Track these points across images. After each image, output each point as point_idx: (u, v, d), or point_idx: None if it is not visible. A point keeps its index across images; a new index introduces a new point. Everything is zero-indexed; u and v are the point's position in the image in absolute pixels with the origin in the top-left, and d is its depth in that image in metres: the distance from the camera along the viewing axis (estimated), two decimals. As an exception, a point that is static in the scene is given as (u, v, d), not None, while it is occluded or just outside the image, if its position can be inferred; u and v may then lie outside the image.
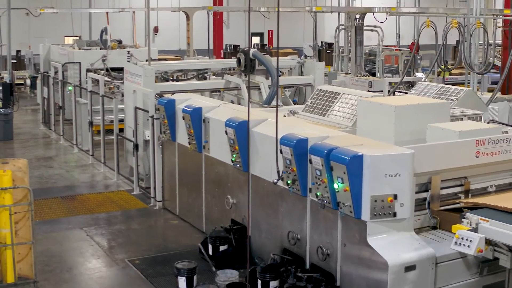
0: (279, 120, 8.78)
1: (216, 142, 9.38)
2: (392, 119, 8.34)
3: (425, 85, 11.30)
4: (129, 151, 12.60)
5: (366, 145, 7.18)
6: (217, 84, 12.59)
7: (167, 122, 10.43)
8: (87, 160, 14.45)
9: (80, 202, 11.50)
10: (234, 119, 8.68)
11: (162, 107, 10.48)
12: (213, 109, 9.70)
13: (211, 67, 13.22)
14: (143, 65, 12.11)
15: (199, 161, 9.83)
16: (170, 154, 10.80)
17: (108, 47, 18.65)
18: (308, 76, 13.49)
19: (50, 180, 12.91)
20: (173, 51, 30.90)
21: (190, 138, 9.83)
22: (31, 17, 26.35)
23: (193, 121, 9.63)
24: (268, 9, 18.78)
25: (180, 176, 10.56)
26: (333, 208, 7.13)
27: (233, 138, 8.64)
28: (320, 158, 7.10)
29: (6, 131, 16.50)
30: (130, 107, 12.39)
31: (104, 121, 13.48)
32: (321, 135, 7.62)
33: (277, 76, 11.95)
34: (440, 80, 20.12)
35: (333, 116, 9.62)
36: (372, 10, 14.49)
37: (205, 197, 9.79)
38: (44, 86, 17.51)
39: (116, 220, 10.64)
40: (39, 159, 14.72)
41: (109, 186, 12.57)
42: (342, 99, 9.76)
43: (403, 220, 6.95)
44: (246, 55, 12.33)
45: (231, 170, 9.03)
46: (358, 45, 15.43)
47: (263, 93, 12.27)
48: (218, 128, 9.29)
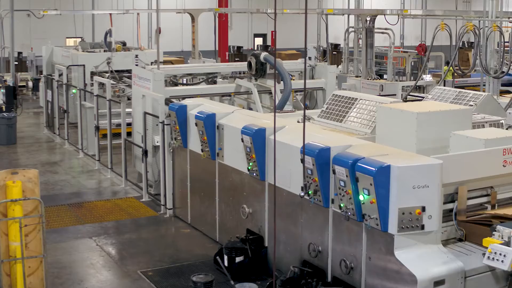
0: (297, 128, 8.59)
1: (231, 149, 9.10)
2: (413, 126, 8.11)
3: (442, 90, 11.05)
4: (137, 157, 12.32)
5: (392, 155, 6.91)
6: (227, 89, 12.31)
7: (179, 128, 10.15)
8: (93, 165, 14.16)
9: (88, 210, 11.22)
10: (250, 126, 8.41)
11: (173, 113, 10.20)
12: (227, 115, 9.43)
13: (221, 71, 12.93)
14: (152, 69, 11.83)
15: (213, 168, 9.55)
16: (181, 161, 10.52)
17: (113, 49, 18.36)
18: (320, 79, 13.22)
19: (56, 187, 12.62)
20: (176, 52, 30.61)
21: (203, 145, 9.55)
22: (33, 18, 26.03)
23: (207, 127, 9.35)
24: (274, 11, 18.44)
25: (192, 184, 10.28)
26: (358, 220, 6.87)
27: (249, 146, 8.37)
28: (344, 169, 6.83)
29: (10, 135, 16.20)
30: (138, 112, 12.11)
31: (111, 125, 13.18)
32: (343, 144, 7.35)
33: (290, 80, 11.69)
34: (449, 83, 19.91)
35: (350, 123, 9.36)
36: (383, 12, 14.23)
37: (219, 205, 9.51)
38: (48, 89, 17.20)
39: (126, 228, 10.35)
40: (44, 164, 14.43)
41: (117, 192, 12.29)
42: (359, 105, 9.50)
43: (431, 232, 6.69)
44: (257, 59, 12.08)
45: (247, 178, 8.75)
46: (369, 48, 15.15)
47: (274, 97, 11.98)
48: (232, 135, 9.02)
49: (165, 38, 32.74)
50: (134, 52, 18.63)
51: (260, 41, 36.61)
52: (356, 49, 16.25)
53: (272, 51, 33.58)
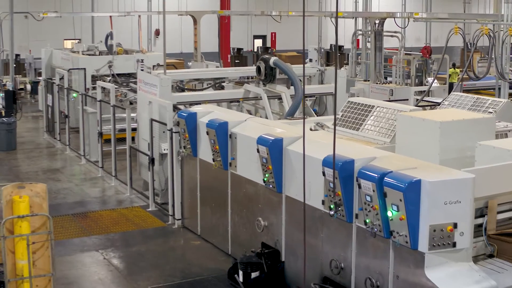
0: (314, 137, 8.24)
1: (244, 159, 8.75)
2: (436, 136, 7.79)
3: (459, 96, 10.73)
4: (143, 164, 11.95)
5: (421, 168, 6.57)
6: (236, 94, 11.95)
7: (188, 136, 9.79)
8: (96, 172, 13.78)
9: (93, 220, 10.84)
10: (267, 136, 8.05)
11: (182, 121, 9.83)
12: (240, 123, 9.07)
13: (229, 75, 12.58)
14: (158, 74, 11.46)
15: (225, 179, 9.19)
16: (190, 170, 10.16)
17: (114, 52, 17.99)
18: (330, 84, 12.88)
19: (59, 195, 12.23)
20: (175, 54, 30.22)
21: (215, 155, 9.19)
22: (30, 20, 25.63)
23: (219, 136, 8.99)
24: (280, 13, 18.18)
25: (202, 194, 9.92)
26: (385, 237, 6.52)
27: (266, 157, 8.01)
28: (371, 183, 6.48)
29: (10, 141, 15.80)
30: (144, 119, 11.74)
31: (115, 132, 12.80)
32: (367, 156, 7.01)
33: (303, 86, 11.34)
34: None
35: (367, 131, 9.02)
36: (393, 15, 13.90)
37: (231, 217, 9.15)
38: (48, 93, 16.80)
39: (134, 240, 9.98)
40: (45, 171, 14.04)
41: (122, 201, 11.91)
42: (376, 113, 9.16)
43: (462, 249, 6.35)
44: (266, 64, 11.73)
45: (262, 190, 8.39)
46: (378, 51, 14.82)
47: (284, 103, 11.66)
48: (246, 144, 8.67)
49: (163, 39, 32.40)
50: (136, 56, 18.28)
51: (259, 42, 36.26)
52: (364, 52, 15.91)
53: (272, 53, 33.30)
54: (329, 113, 13.04)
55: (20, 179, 13.30)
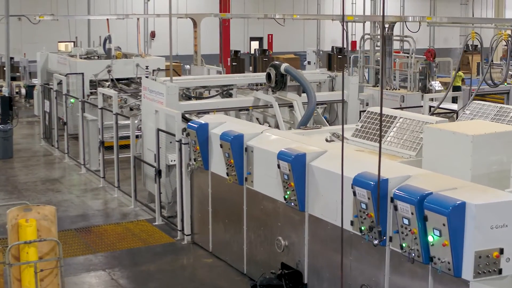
0: (339, 153, 7.74)
1: (262, 174, 8.25)
2: (468, 150, 7.31)
3: (480, 105, 10.26)
4: (148, 176, 11.42)
5: (463, 188, 6.10)
6: (245, 102, 11.44)
7: (199, 148, 9.27)
8: (98, 182, 13.23)
9: (97, 236, 10.31)
10: (289, 151, 7.55)
11: (193, 132, 9.32)
12: (256, 136, 8.57)
13: (237, 82, 12.07)
14: (165, 82, 10.94)
15: (240, 194, 8.69)
16: (201, 183, 9.65)
17: (113, 56, 17.43)
18: (341, 91, 12.38)
19: (60, 208, 11.66)
20: (171, 56, 29.73)
21: (229, 169, 8.68)
22: (24, 22, 25.08)
23: (234, 150, 8.48)
24: (284, 16, 17.69)
25: (214, 209, 9.41)
26: (424, 263, 6.04)
27: (287, 173, 7.51)
28: (410, 206, 6.00)
29: (6, 149, 15.22)
30: (150, 128, 11.22)
31: (118, 141, 12.27)
32: (402, 175, 6.53)
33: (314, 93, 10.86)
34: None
35: (390, 143, 8.54)
36: (405, 19, 13.45)
37: (247, 235, 8.65)
38: (45, 99, 16.22)
39: (142, 258, 9.46)
40: (44, 181, 13.48)
41: (126, 215, 11.38)
42: (399, 124, 8.67)
43: (507, 276, 5.89)
44: (277, 70, 11.24)
45: (282, 208, 7.90)
46: (387, 56, 14.37)
47: (296, 112, 11.17)
48: (264, 158, 8.18)
49: (160, 41, 31.88)
50: (135, 60, 17.74)
51: (256, 44, 35.78)
52: (373, 57, 15.45)
53: (269, 54, 32.83)
54: (339, 121, 12.56)
55: (18, 190, 12.75)
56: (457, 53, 38.62)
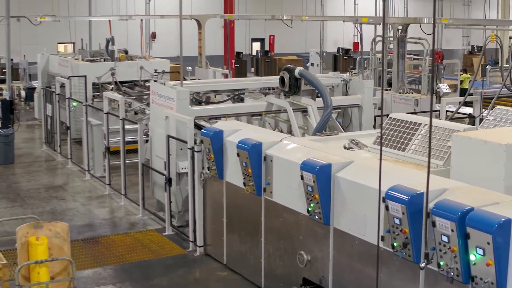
0: (366, 163, 7.37)
1: (282, 185, 7.84)
2: (501, 160, 6.91)
3: (504, 111, 9.90)
4: (157, 183, 11.01)
5: (506, 204, 5.71)
6: (258, 107, 11.04)
7: (214, 157, 8.87)
8: (103, 189, 12.80)
9: (105, 247, 9.89)
10: (313, 161, 7.14)
11: (207, 140, 8.91)
12: (275, 144, 8.16)
13: (249, 86, 11.67)
14: (175, 86, 10.52)
15: (258, 205, 8.28)
16: (215, 193, 9.24)
17: (116, 58, 17.01)
18: (356, 95, 12.01)
19: (65, 217, 11.25)
20: (171, 58, 29.32)
21: (247, 179, 8.27)
22: (23, 23, 24.65)
23: (252, 159, 8.07)
24: (292, 17, 17.31)
25: (228, 220, 9.00)
26: (464, 282, 5.65)
27: (312, 185, 7.10)
28: (450, 222, 5.61)
29: (7, 154, 14.77)
30: (158, 134, 10.81)
31: (124, 147, 11.85)
32: (438, 188, 6.13)
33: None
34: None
35: (415, 152, 8.14)
36: (420, 20, 13.08)
37: (265, 247, 8.24)
38: (47, 102, 15.79)
39: (154, 271, 9.04)
40: (47, 188, 13.04)
41: (134, 224, 10.95)
42: (424, 131, 8.28)
43: (553, 298, 5.49)
44: (291, 74, 10.85)
45: (305, 220, 7.49)
46: (401, 59, 13.96)
47: (311, 117, 10.79)
48: (284, 168, 7.78)
49: (160, 42, 31.46)
50: (139, 62, 17.34)
51: (257, 46, 35.36)
52: (385, 59, 15.05)
53: (271, 56, 32.46)
54: (354, 126, 12.17)
55: (21, 198, 12.32)
56: (460, 54, 38.30)
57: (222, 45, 30.86)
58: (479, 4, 39.56)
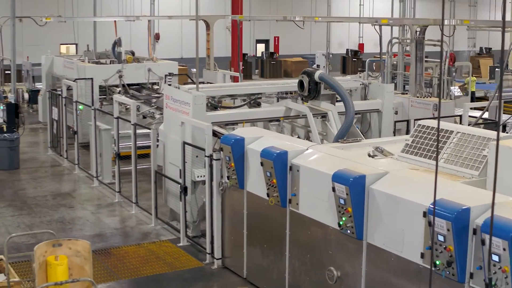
0: (402, 175, 6.96)
1: (309, 196, 7.43)
2: (545, 170, 6.51)
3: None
4: (170, 192, 10.59)
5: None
6: (276, 112, 10.62)
7: (234, 165, 8.45)
8: (112, 197, 12.38)
9: (118, 259, 9.46)
10: (346, 173, 6.73)
11: (227, 147, 8.49)
12: (301, 153, 7.75)
13: (266, 91, 11.25)
14: (190, 90, 10.10)
15: (282, 217, 7.87)
16: (234, 203, 8.83)
17: (123, 61, 16.58)
18: (375, 100, 11.59)
19: (74, 226, 10.83)
20: (175, 59, 28.97)
21: (271, 189, 7.86)
22: (25, 23, 24.15)
23: (277, 169, 7.66)
24: (304, 18, 16.89)
25: (249, 231, 8.58)
26: (516, 306, 5.24)
27: (344, 197, 6.69)
28: (502, 241, 5.22)
29: (12, 159, 14.34)
30: (171, 140, 10.39)
31: (136, 153, 11.43)
32: (484, 202, 5.73)
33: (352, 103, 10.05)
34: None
35: (447, 161, 7.72)
36: (440, 22, 12.65)
37: (290, 262, 7.83)
38: (53, 105, 15.35)
39: (170, 285, 8.64)
40: (55, 195, 12.61)
41: (147, 234, 10.53)
42: (456, 139, 7.86)
43: None
44: (310, 78, 10.43)
45: (335, 234, 7.08)
46: (418, 62, 13.56)
47: (332, 123, 10.37)
48: (312, 179, 7.37)
49: (164, 44, 31.03)
50: (146, 64, 16.92)
51: (262, 47, 34.94)
52: (401, 62, 14.64)
53: (276, 57, 32.03)
54: (373, 131, 11.76)
55: (28, 206, 11.90)
56: (465, 56, 37.92)
57: (226, 47, 30.48)
58: (485, 5, 39.23)
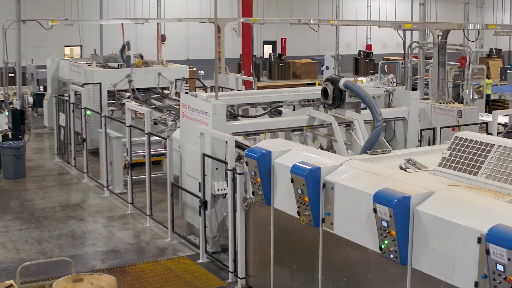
0: (450, 195, 6.43)
1: (346, 216, 6.90)
2: None
3: None
4: (188, 205, 10.07)
5: None
6: (299, 122, 10.10)
7: (261, 181, 7.92)
8: (125, 208, 11.85)
9: (134, 278, 8.93)
10: (389, 193, 6.20)
11: (253, 162, 7.96)
12: (335, 169, 7.22)
13: (288, 99, 10.73)
14: (209, 99, 9.57)
15: (314, 237, 7.34)
16: (259, 220, 8.30)
17: (133, 64, 16.06)
18: (400, 108, 11.07)
19: (86, 241, 10.31)
20: (181, 61, 28.46)
21: (302, 207, 7.33)
22: (28, 25, 23.61)
23: (309, 186, 7.14)
24: (319, 22, 16.37)
25: (277, 251, 8.05)
26: None
27: (388, 219, 6.17)
28: None
29: (18, 168, 13.82)
30: (189, 151, 9.88)
31: (150, 162, 10.91)
32: (549, 229, 5.21)
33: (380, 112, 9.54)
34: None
35: (490, 177, 7.19)
36: (465, 26, 12.17)
37: (323, 285, 7.30)
38: (61, 111, 14.83)
39: (192, 308, 8.12)
40: (64, 206, 12.09)
41: (164, 250, 10.00)
42: (499, 153, 7.34)
43: None
44: (335, 85, 9.91)
45: (376, 258, 6.55)
46: (441, 67, 13.04)
47: (358, 132, 9.87)
48: (348, 197, 6.84)
49: (170, 45, 30.51)
50: (156, 68, 16.40)
51: (269, 48, 34.41)
52: (422, 67, 14.12)
53: (283, 59, 31.51)
54: (398, 141, 11.24)
55: (36, 218, 11.37)
56: (474, 57, 37.36)
57: (233, 48, 29.97)
58: (492, 6, 38.70)
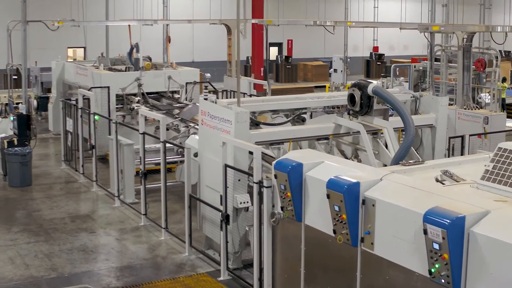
0: (506, 214, 5.89)
1: (388, 235, 6.35)
2: None
3: None
4: (206, 218, 9.53)
5: None
6: (325, 130, 9.56)
7: (291, 195, 7.38)
8: (137, 219, 11.31)
9: (152, 297, 8.41)
10: (442, 212, 5.66)
11: (283, 175, 7.40)
12: (375, 184, 6.67)
13: (312, 105, 10.18)
14: (231, 106, 9.02)
15: (352, 258, 6.78)
16: (289, 237, 7.74)
17: (141, 67, 15.52)
18: (428, 114, 10.54)
19: (99, 256, 9.76)
20: (186, 63, 27.92)
21: (339, 225, 6.77)
22: (31, 26, 23.06)
23: (347, 202, 6.58)
24: (335, 23, 15.84)
25: (308, 270, 7.50)
26: None
27: (440, 242, 5.62)
28: None
29: (24, 176, 13.27)
30: (210, 161, 9.33)
31: (166, 172, 10.37)
32: None
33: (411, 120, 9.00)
34: None
35: (542, 192, 6.65)
36: (493, 29, 11.65)
37: (361, 309, 6.76)
38: (68, 116, 14.30)
39: (217, 332, 7.58)
40: (73, 217, 11.54)
41: (181, 266, 9.46)
42: (549, 166, 6.80)
43: None
44: (362, 91, 9.37)
45: (423, 282, 6.00)
46: (466, 71, 12.53)
47: (388, 141, 9.33)
48: (391, 215, 6.29)
49: (175, 47, 29.95)
50: (166, 71, 15.87)
51: (275, 50, 33.86)
52: (445, 71, 13.60)
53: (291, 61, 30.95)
54: (425, 148, 10.71)
55: (44, 230, 10.83)
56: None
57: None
58: (499, 8, 38.18)
